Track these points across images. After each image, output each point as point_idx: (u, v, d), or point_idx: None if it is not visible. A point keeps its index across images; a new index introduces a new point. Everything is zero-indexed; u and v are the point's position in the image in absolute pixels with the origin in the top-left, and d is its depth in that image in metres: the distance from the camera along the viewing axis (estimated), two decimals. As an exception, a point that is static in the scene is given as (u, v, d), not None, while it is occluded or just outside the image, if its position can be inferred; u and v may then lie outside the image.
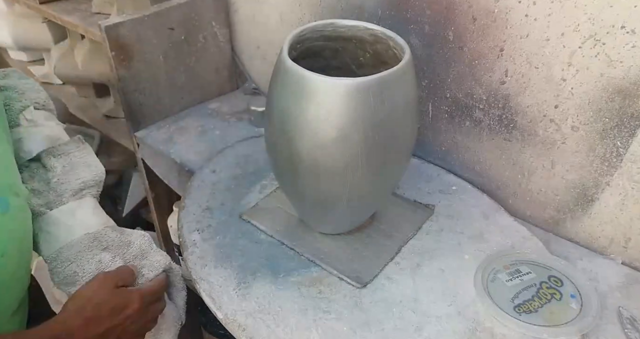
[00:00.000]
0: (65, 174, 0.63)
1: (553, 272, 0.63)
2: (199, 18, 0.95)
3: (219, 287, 0.62)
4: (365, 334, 0.57)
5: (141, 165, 1.00)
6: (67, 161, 0.64)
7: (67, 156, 0.64)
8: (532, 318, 0.57)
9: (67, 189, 0.62)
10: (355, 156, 0.55)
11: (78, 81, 1.23)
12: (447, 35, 0.71)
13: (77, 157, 0.65)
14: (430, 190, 0.77)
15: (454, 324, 0.58)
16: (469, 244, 0.68)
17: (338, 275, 0.64)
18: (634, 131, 0.60)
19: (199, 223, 0.71)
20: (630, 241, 0.67)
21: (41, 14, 1.09)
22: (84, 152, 0.66)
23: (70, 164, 0.64)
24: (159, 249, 0.65)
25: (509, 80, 0.68)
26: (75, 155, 0.65)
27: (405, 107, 0.55)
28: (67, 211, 0.62)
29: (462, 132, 0.77)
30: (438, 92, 0.77)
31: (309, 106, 0.53)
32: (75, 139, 0.66)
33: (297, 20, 0.90)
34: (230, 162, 0.83)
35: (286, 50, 0.55)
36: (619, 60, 0.57)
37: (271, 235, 0.69)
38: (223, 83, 1.07)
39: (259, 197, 0.76)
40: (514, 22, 0.64)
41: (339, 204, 0.61)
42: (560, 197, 0.71)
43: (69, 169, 0.64)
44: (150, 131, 0.96)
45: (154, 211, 1.09)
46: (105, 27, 0.83)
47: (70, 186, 0.63)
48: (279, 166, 0.62)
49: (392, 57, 0.58)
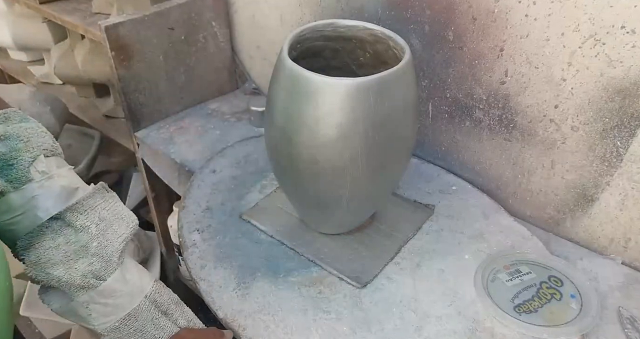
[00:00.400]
0: (103, 234, 0.55)
1: (553, 272, 0.63)
2: (199, 18, 0.95)
3: (219, 287, 0.62)
4: (365, 334, 0.57)
5: (141, 165, 1.00)
6: (97, 216, 0.56)
7: (95, 210, 0.56)
8: (532, 318, 0.57)
9: (112, 252, 0.55)
10: (355, 156, 0.55)
11: (78, 81, 1.23)
12: (447, 35, 0.71)
13: (106, 210, 0.57)
14: (430, 190, 0.77)
15: (454, 324, 0.58)
16: (469, 244, 0.68)
17: (338, 275, 0.64)
18: (634, 131, 0.60)
19: (199, 223, 0.71)
20: (630, 241, 0.67)
21: (41, 14, 1.09)
22: (111, 202, 0.59)
23: (102, 220, 0.56)
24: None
25: (509, 80, 0.68)
26: (104, 207, 0.57)
27: (405, 107, 0.55)
28: (120, 278, 0.56)
29: (462, 132, 0.77)
30: (438, 92, 0.77)
31: (309, 106, 0.53)
32: (98, 188, 0.58)
33: (297, 20, 0.90)
34: (230, 162, 0.83)
35: (286, 50, 0.55)
36: (619, 60, 0.57)
37: (271, 235, 0.69)
38: (223, 83, 1.07)
39: (259, 197, 0.76)
40: (514, 22, 0.64)
41: (339, 204, 0.61)
42: (560, 197, 0.71)
43: (104, 227, 0.56)
44: (150, 131, 0.96)
45: (154, 211, 1.09)
46: (105, 27, 0.83)
47: (114, 248, 0.55)
48: (279, 166, 0.62)
49: (392, 57, 0.58)
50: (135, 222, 0.59)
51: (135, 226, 0.59)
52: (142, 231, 1.22)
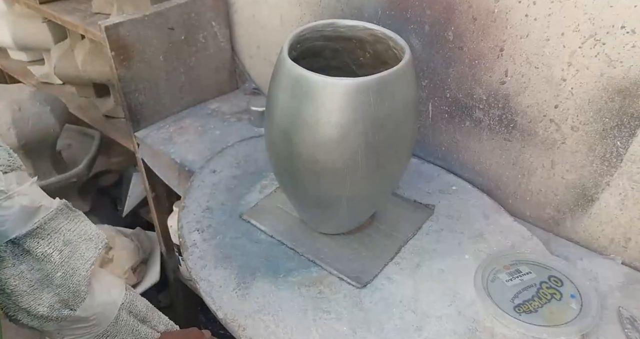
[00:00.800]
0: (68, 261, 0.51)
1: (553, 272, 0.63)
2: (199, 18, 0.95)
3: (219, 287, 0.62)
4: (365, 334, 0.57)
5: (141, 165, 1.00)
6: (61, 240, 0.51)
7: (59, 233, 0.51)
8: (532, 318, 0.57)
9: (79, 281, 0.51)
10: (355, 156, 0.55)
11: (78, 81, 1.23)
12: (447, 35, 0.71)
13: (71, 231, 0.52)
14: (430, 190, 0.77)
15: (454, 324, 0.58)
16: (469, 244, 0.68)
17: (338, 275, 0.64)
18: (634, 131, 0.60)
19: (199, 223, 0.71)
20: (630, 241, 0.67)
21: (41, 14, 1.09)
22: (76, 221, 0.54)
23: (67, 244, 0.51)
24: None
25: (509, 80, 0.68)
26: (69, 229, 0.52)
27: (405, 107, 0.55)
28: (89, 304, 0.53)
29: (462, 132, 0.77)
30: (438, 92, 0.77)
31: (309, 106, 0.53)
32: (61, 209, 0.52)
33: (297, 20, 0.90)
34: (230, 162, 0.83)
35: (286, 50, 0.55)
36: (619, 60, 0.57)
37: (271, 235, 0.69)
38: (223, 83, 1.07)
39: (259, 197, 0.76)
40: (514, 22, 0.64)
41: (339, 204, 0.61)
42: (560, 197, 0.71)
43: (68, 253, 0.51)
44: (150, 131, 0.96)
45: (154, 211, 1.09)
46: (105, 27, 0.83)
47: (81, 276, 0.51)
48: (279, 166, 0.62)
49: (392, 57, 0.58)
50: (104, 242, 0.55)
51: (104, 244, 0.55)
52: (142, 231, 1.21)
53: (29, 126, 1.02)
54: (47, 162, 1.12)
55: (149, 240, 1.21)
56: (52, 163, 1.13)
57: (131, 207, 1.34)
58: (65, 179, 1.13)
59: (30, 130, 1.02)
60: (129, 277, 1.08)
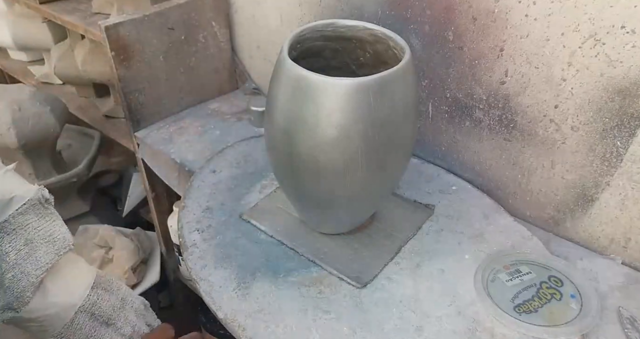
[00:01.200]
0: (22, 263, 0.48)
1: (553, 272, 0.63)
2: (199, 18, 0.95)
3: (219, 287, 0.62)
4: (365, 334, 0.57)
5: (141, 165, 1.00)
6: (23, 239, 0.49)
7: (24, 230, 0.49)
8: (532, 318, 0.57)
9: (25, 287, 0.48)
10: (355, 156, 0.55)
11: (78, 81, 1.23)
12: (447, 35, 0.71)
13: (37, 230, 0.50)
14: (430, 190, 0.77)
15: (454, 324, 0.58)
16: (469, 244, 0.68)
17: (338, 275, 0.64)
18: (634, 131, 0.60)
19: (199, 223, 0.71)
20: (630, 241, 0.67)
21: (41, 14, 1.09)
22: (47, 219, 0.51)
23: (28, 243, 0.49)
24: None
25: (509, 80, 0.68)
26: (35, 227, 0.50)
27: (405, 107, 0.55)
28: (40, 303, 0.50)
29: (462, 132, 0.77)
30: (438, 92, 0.77)
31: (309, 106, 0.53)
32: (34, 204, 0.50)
33: (297, 20, 0.91)
34: (230, 162, 0.83)
35: (286, 50, 0.55)
36: (619, 60, 0.57)
37: (271, 235, 0.69)
38: (223, 83, 1.07)
39: (259, 197, 0.76)
40: (514, 22, 0.64)
41: (339, 204, 0.61)
42: (560, 197, 0.71)
43: (25, 255, 0.49)
44: (150, 131, 0.96)
45: (154, 211, 1.09)
46: (105, 27, 0.83)
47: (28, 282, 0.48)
48: (279, 166, 0.62)
49: (392, 57, 0.58)
50: (70, 246, 0.53)
51: (70, 247, 0.53)
52: (142, 231, 1.21)
53: (29, 126, 1.02)
54: (47, 162, 1.12)
55: (149, 240, 1.21)
56: (52, 163, 1.13)
57: (131, 207, 1.35)
58: (65, 179, 1.13)
59: (30, 130, 1.02)
60: (129, 277, 1.08)
